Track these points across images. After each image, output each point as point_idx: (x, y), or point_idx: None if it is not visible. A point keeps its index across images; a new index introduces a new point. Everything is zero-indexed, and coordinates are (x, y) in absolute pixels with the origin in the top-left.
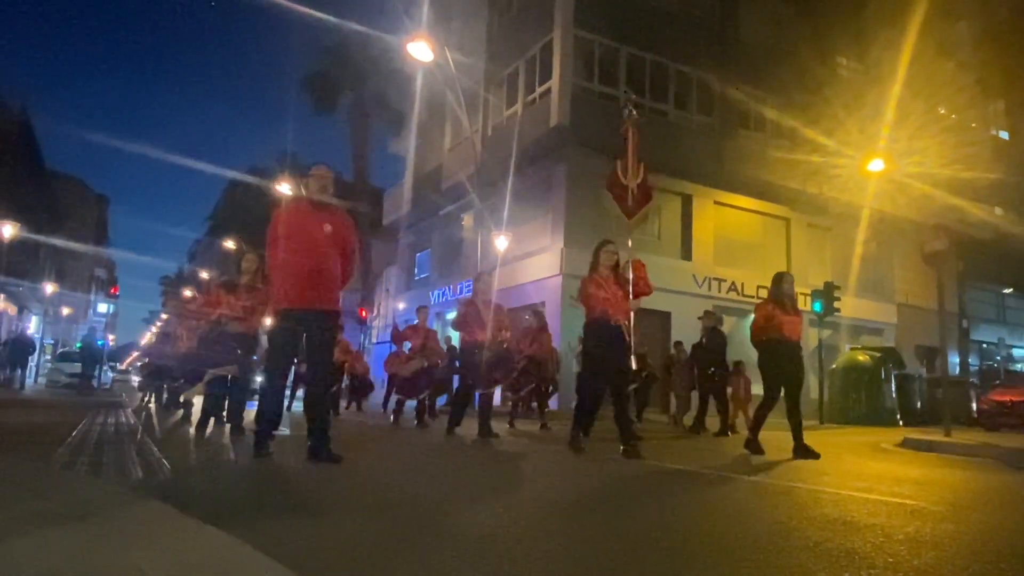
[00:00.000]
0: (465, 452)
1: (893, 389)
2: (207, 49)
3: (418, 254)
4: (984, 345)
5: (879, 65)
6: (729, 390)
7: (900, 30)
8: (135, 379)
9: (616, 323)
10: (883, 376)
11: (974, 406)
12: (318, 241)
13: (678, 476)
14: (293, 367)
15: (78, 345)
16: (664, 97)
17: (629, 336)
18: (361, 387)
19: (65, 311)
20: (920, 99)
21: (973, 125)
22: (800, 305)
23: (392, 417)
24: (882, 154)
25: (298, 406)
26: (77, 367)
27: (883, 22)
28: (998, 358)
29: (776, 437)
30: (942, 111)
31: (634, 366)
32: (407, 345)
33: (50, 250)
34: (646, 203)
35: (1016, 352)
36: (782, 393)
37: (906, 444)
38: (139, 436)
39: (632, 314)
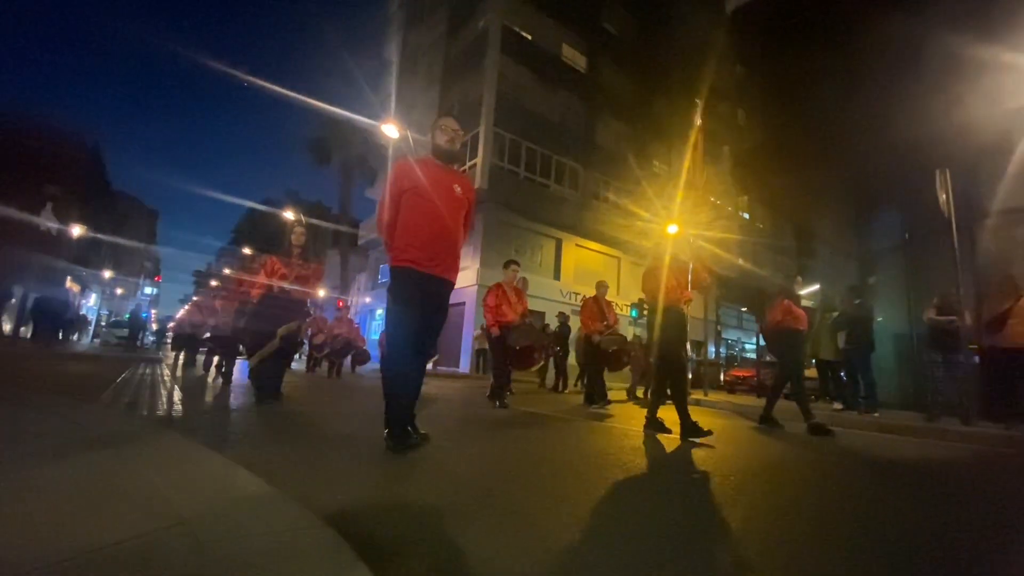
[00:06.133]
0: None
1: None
2: (238, 107)
3: (382, 265)
4: (730, 341)
5: (677, 168)
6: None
7: (688, 147)
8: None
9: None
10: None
11: (722, 378)
12: (449, 202)
13: (539, 417)
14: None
15: (127, 316)
16: (548, 176)
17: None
18: (359, 356)
19: (119, 291)
20: (699, 191)
21: (729, 208)
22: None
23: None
24: (675, 221)
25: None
26: (125, 332)
27: (679, 142)
28: (737, 349)
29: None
30: (712, 199)
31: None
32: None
33: (109, 247)
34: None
35: (748, 346)
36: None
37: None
38: (169, 384)
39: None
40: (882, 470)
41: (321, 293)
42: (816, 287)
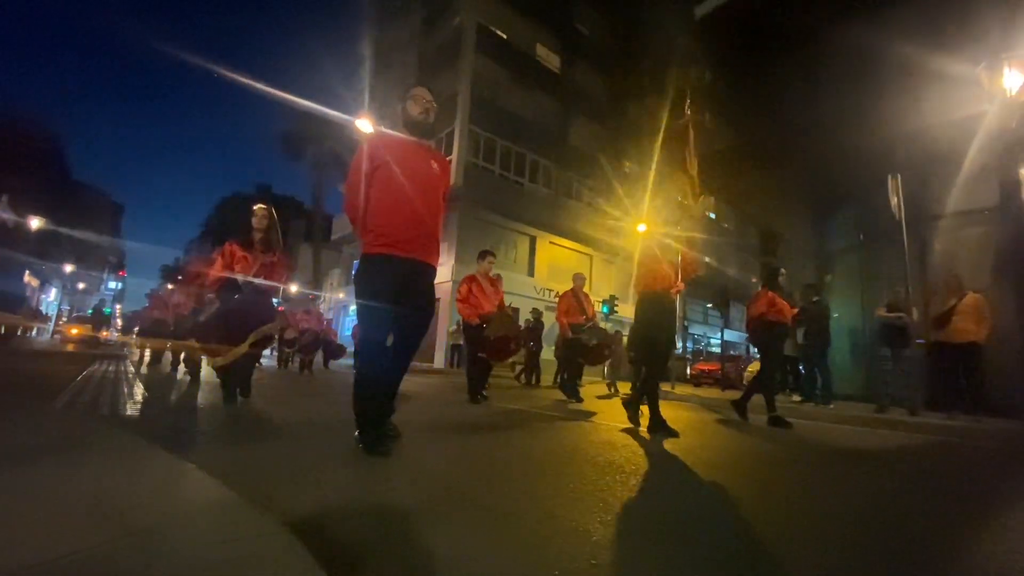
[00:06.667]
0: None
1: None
2: (209, 98)
3: (355, 260)
4: (696, 335)
5: (647, 168)
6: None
7: (658, 147)
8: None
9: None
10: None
11: (688, 372)
12: (425, 180)
13: (516, 413)
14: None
15: (90, 311)
16: (522, 174)
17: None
18: (332, 350)
19: (81, 286)
20: (668, 190)
21: (693, 208)
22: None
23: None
24: (645, 220)
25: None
26: (88, 327)
27: (648, 142)
28: (702, 344)
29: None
30: (679, 198)
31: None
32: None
33: (71, 240)
34: (702, 192)
35: (713, 340)
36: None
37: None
38: (130, 382)
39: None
40: (835, 458)
41: (294, 288)
42: None
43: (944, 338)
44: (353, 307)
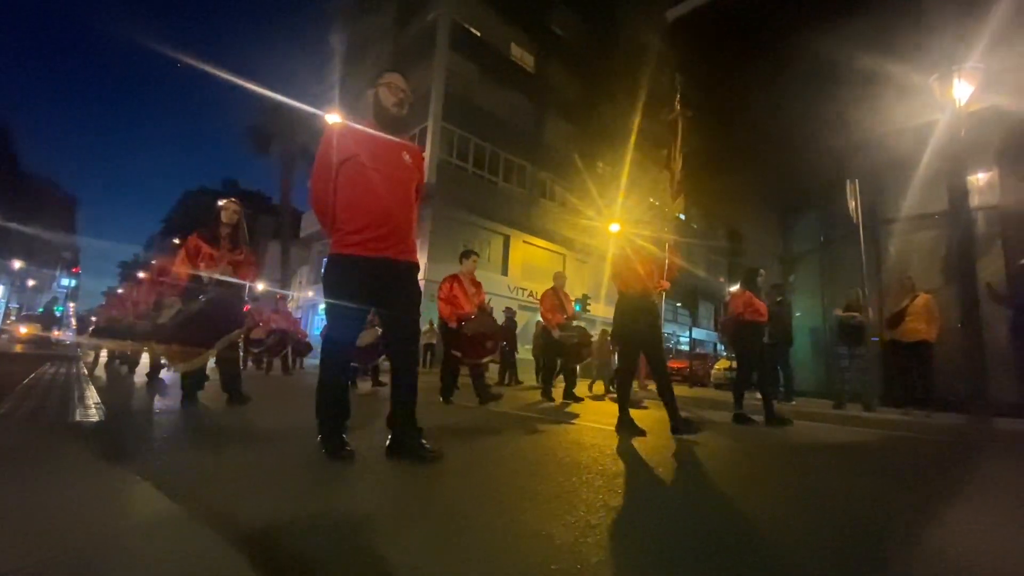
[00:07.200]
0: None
1: (616, 359)
2: (172, 88)
3: (324, 258)
4: (666, 334)
5: (620, 169)
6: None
7: (630, 149)
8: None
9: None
10: (610, 348)
11: None
12: (397, 172)
13: (490, 415)
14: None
15: (40, 310)
16: (496, 173)
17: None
18: (299, 348)
19: (31, 283)
20: (639, 191)
21: (666, 209)
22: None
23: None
24: (618, 220)
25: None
26: (38, 326)
27: (622, 144)
28: (671, 342)
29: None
30: (651, 199)
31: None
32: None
33: (19, 235)
34: (682, 192)
35: (682, 338)
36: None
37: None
38: (81, 386)
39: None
40: (793, 454)
41: (260, 287)
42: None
43: (898, 337)
44: (323, 306)
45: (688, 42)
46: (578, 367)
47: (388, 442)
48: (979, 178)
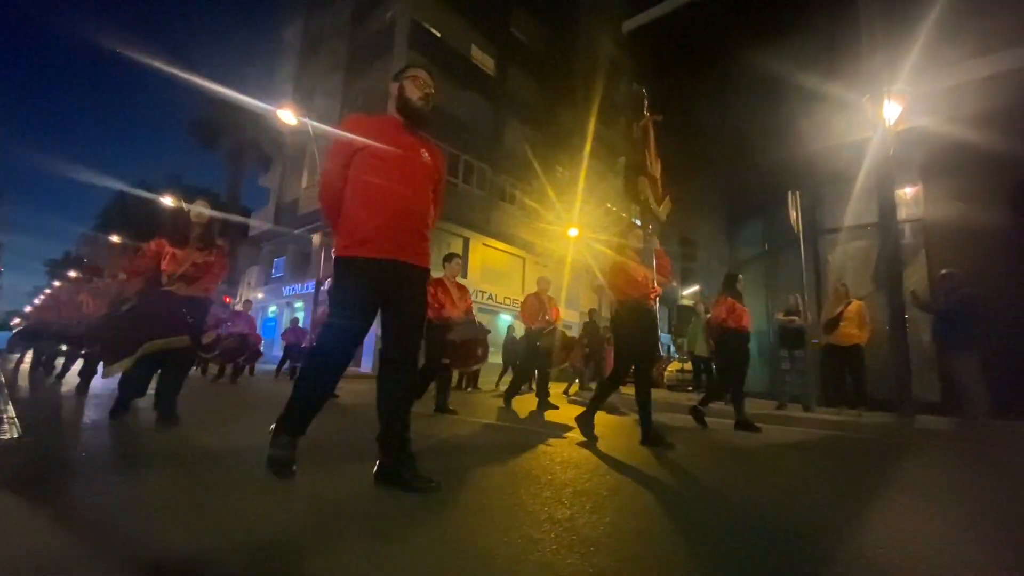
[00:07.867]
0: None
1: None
2: (110, 75)
3: (276, 259)
4: None
5: (578, 174)
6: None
7: (587, 155)
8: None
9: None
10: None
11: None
12: (415, 171)
13: (446, 422)
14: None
15: None
16: (456, 175)
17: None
18: (252, 355)
19: None
20: (597, 197)
21: (623, 214)
22: None
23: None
24: (576, 225)
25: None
26: None
27: (579, 150)
28: None
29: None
30: (608, 205)
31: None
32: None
33: None
34: (667, 194)
35: None
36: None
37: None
38: None
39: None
40: (736, 454)
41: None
42: (696, 288)
43: (833, 341)
44: (272, 308)
45: (643, 53)
46: (550, 372)
47: (376, 468)
48: (906, 192)
